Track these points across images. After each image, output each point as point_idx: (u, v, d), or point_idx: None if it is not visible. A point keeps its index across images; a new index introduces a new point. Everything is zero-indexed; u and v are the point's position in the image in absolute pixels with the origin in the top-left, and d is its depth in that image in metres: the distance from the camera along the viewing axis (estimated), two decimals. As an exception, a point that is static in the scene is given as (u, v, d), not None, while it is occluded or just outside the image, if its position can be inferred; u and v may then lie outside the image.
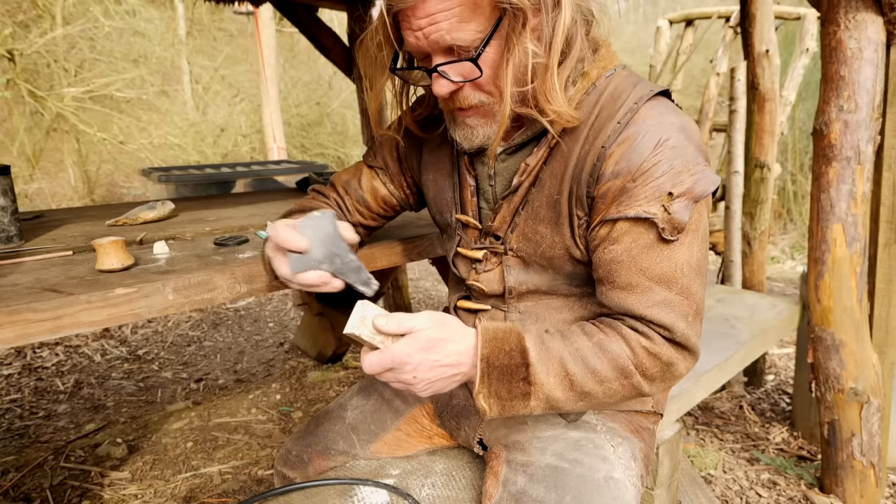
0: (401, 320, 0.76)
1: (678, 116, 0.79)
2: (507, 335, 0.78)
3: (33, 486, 1.85)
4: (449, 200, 0.97)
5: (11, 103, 6.16)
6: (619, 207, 0.77)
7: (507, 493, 0.86)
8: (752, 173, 2.31)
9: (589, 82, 0.81)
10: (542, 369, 0.77)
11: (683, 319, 0.78)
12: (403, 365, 0.74)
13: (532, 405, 0.78)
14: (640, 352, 0.78)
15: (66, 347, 3.00)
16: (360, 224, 1.09)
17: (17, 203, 1.25)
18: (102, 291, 0.87)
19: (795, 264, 4.37)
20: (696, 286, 0.79)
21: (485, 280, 0.94)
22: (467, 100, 0.80)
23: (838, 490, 1.69)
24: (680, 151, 0.75)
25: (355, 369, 2.67)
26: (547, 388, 0.77)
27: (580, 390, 0.78)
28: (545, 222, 0.85)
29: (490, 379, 0.77)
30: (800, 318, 2.02)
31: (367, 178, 1.07)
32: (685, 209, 0.75)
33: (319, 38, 2.89)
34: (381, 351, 0.75)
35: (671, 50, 4.75)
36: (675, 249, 0.77)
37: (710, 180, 0.76)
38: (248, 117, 7.76)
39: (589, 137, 0.80)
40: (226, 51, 8.00)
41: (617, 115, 0.78)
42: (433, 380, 0.76)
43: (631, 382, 0.79)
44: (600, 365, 0.78)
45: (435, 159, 0.99)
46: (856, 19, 1.43)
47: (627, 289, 0.79)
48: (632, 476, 0.88)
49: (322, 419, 1.13)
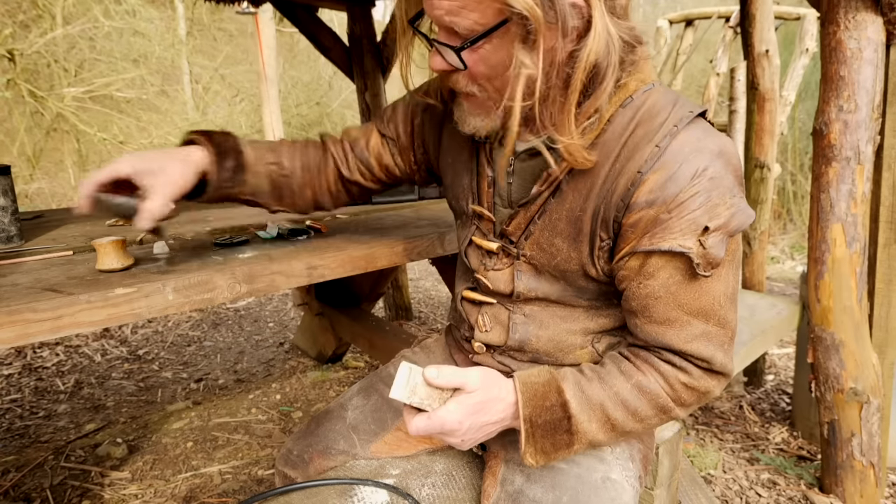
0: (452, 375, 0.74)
1: (717, 140, 0.74)
2: (546, 390, 0.78)
3: (33, 485, 1.85)
4: (465, 188, 0.94)
5: (11, 103, 6.16)
6: (652, 239, 0.74)
7: (504, 493, 0.86)
8: (752, 173, 2.31)
9: (626, 94, 0.75)
10: (584, 418, 0.77)
11: (721, 349, 0.78)
12: (453, 432, 0.74)
13: (575, 449, 0.80)
14: (678, 387, 0.79)
15: (66, 347, 3.00)
16: (356, 182, 1.07)
17: (18, 203, 1.25)
18: (102, 291, 0.87)
19: (795, 264, 4.38)
20: (731, 314, 0.79)
21: (493, 278, 0.92)
22: (458, 84, 0.78)
23: (838, 490, 1.69)
24: (718, 182, 0.72)
25: (355, 369, 2.67)
26: (590, 434, 0.78)
27: (621, 431, 0.80)
28: (563, 236, 0.82)
29: (535, 437, 0.78)
30: (800, 318, 2.02)
31: (376, 142, 1.04)
32: (720, 244, 0.73)
33: (319, 38, 2.89)
34: (428, 416, 0.73)
35: (671, 50, 4.75)
36: (713, 283, 0.76)
37: (746, 214, 0.74)
38: (248, 117, 7.76)
39: (622, 156, 0.75)
40: (226, 51, 8.01)
41: (655, 138, 0.73)
42: (478, 438, 0.78)
43: (669, 416, 0.81)
44: (640, 406, 0.79)
45: (455, 144, 0.96)
46: (856, 19, 1.43)
47: (665, 324, 0.78)
48: (629, 477, 0.89)
49: (322, 419, 1.13)
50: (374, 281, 2.48)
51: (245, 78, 7.90)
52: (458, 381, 0.74)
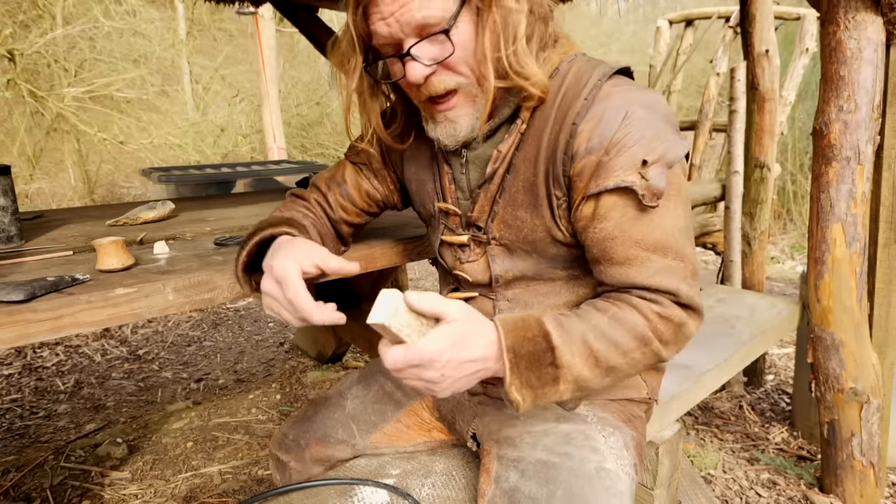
0: (434, 302, 0.72)
1: (641, 91, 0.81)
2: (526, 322, 0.77)
3: (33, 485, 1.85)
4: (430, 191, 0.98)
5: (11, 103, 6.17)
6: (597, 182, 0.79)
7: (499, 490, 0.86)
8: (751, 173, 2.31)
9: (552, 67, 0.84)
10: (567, 350, 0.76)
11: (684, 282, 0.80)
12: (432, 362, 0.71)
13: (561, 389, 0.77)
14: (653, 317, 0.80)
15: (66, 347, 3.00)
16: (343, 221, 1.07)
17: (18, 203, 1.25)
18: (102, 291, 0.87)
19: (795, 264, 4.38)
20: (688, 248, 0.82)
21: (470, 270, 0.94)
22: (443, 83, 0.80)
23: (838, 490, 1.69)
24: (648, 122, 0.78)
25: (355, 369, 2.67)
26: (575, 368, 0.77)
27: (606, 365, 0.79)
28: (524, 207, 0.86)
29: (519, 369, 0.75)
30: (800, 318, 2.02)
31: (352, 173, 1.06)
32: (661, 175, 0.77)
33: (319, 38, 2.89)
34: (407, 346, 0.70)
35: (671, 50, 4.75)
36: (663, 216, 0.79)
37: (681, 145, 0.78)
38: (248, 117, 7.77)
39: (557, 118, 0.82)
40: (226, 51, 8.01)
41: (583, 93, 0.80)
42: (458, 377, 0.73)
43: (651, 349, 0.80)
44: (621, 337, 0.79)
45: (416, 153, 0.99)
46: (855, 19, 1.43)
47: (626, 263, 0.80)
48: (625, 465, 0.89)
49: (321, 405, 1.13)
50: (374, 281, 2.48)
51: (245, 78, 7.90)
52: (440, 309, 0.72)
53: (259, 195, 2.11)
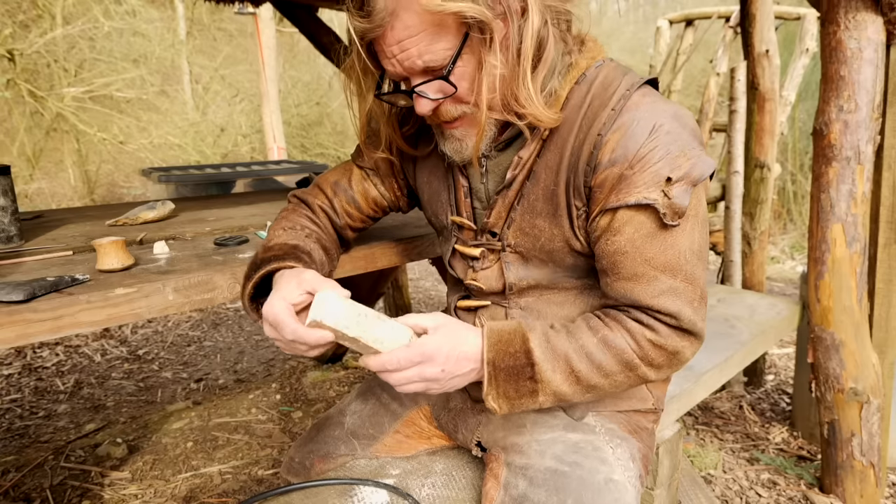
0: (408, 316, 0.78)
1: (669, 104, 0.80)
2: (511, 337, 0.79)
3: (33, 485, 1.85)
4: (444, 202, 0.97)
5: (11, 103, 6.17)
6: (618, 196, 0.77)
7: (508, 497, 0.86)
8: (751, 173, 2.31)
9: (579, 72, 0.82)
10: (548, 367, 0.78)
11: (689, 305, 0.79)
12: (434, 358, 0.74)
13: (541, 400, 0.80)
14: (644, 344, 0.79)
15: (66, 347, 3.00)
16: (348, 227, 1.07)
17: (17, 203, 1.25)
18: (102, 291, 0.87)
19: (795, 264, 4.38)
20: (699, 271, 0.80)
21: (483, 278, 0.93)
22: (449, 113, 0.82)
23: (838, 490, 1.69)
24: (675, 136, 0.76)
25: (355, 369, 2.67)
26: (553, 384, 0.78)
27: (587, 384, 0.80)
28: (542, 215, 0.85)
29: (497, 381, 0.78)
30: (800, 318, 2.02)
31: (358, 178, 1.04)
32: (684, 193, 0.75)
33: (319, 38, 2.89)
34: (408, 346, 0.74)
35: (671, 50, 4.75)
36: (678, 236, 0.78)
37: (707, 164, 0.77)
38: (248, 117, 7.76)
39: (583, 126, 0.80)
40: (226, 51, 8.00)
41: (610, 103, 0.78)
42: (455, 374, 0.77)
43: (636, 374, 0.81)
44: (605, 360, 0.79)
45: (430, 162, 0.99)
46: (856, 19, 1.43)
47: (633, 279, 0.79)
48: (631, 477, 0.89)
49: (323, 425, 1.13)
50: (374, 281, 2.48)
51: (245, 78, 7.90)
52: (426, 322, 0.77)
53: (259, 195, 2.11)
